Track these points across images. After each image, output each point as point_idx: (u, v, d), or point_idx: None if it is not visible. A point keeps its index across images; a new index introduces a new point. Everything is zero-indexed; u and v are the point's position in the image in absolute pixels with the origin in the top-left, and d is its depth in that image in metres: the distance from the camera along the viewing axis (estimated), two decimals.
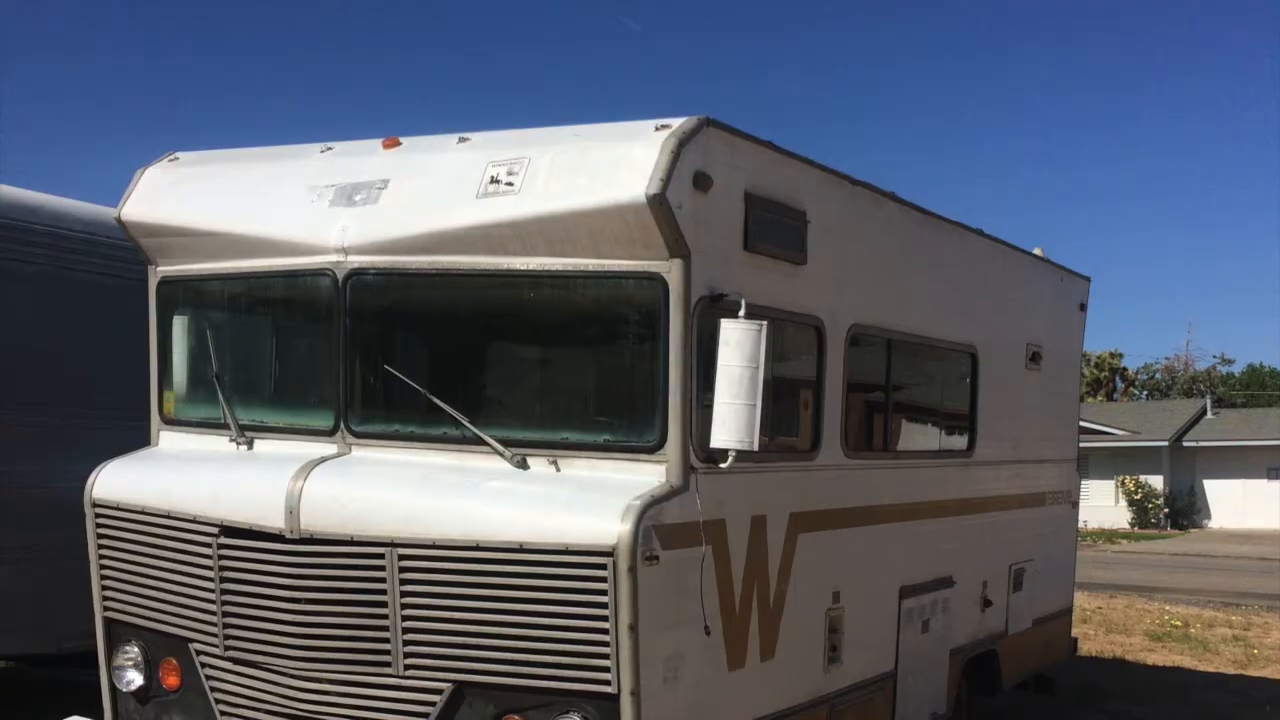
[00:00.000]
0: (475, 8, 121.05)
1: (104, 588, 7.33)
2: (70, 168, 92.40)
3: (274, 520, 6.42)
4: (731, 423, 5.94)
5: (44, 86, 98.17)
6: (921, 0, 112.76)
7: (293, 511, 6.36)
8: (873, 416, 8.62)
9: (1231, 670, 16.07)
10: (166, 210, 7.39)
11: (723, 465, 6.08)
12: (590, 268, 6.13)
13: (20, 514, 9.68)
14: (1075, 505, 12.63)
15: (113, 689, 7.31)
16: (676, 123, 6.04)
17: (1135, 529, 52.01)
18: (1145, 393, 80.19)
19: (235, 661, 6.68)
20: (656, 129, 6.02)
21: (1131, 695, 13.85)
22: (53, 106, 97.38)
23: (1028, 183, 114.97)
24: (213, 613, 6.72)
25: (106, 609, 7.34)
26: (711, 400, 6.00)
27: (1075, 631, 13.34)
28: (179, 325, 7.59)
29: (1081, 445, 13.36)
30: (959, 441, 9.77)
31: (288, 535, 6.38)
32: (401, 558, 6.11)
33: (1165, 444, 54.23)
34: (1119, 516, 53.09)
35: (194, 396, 7.58)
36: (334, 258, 6.68)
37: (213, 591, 6.70)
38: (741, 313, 6.03)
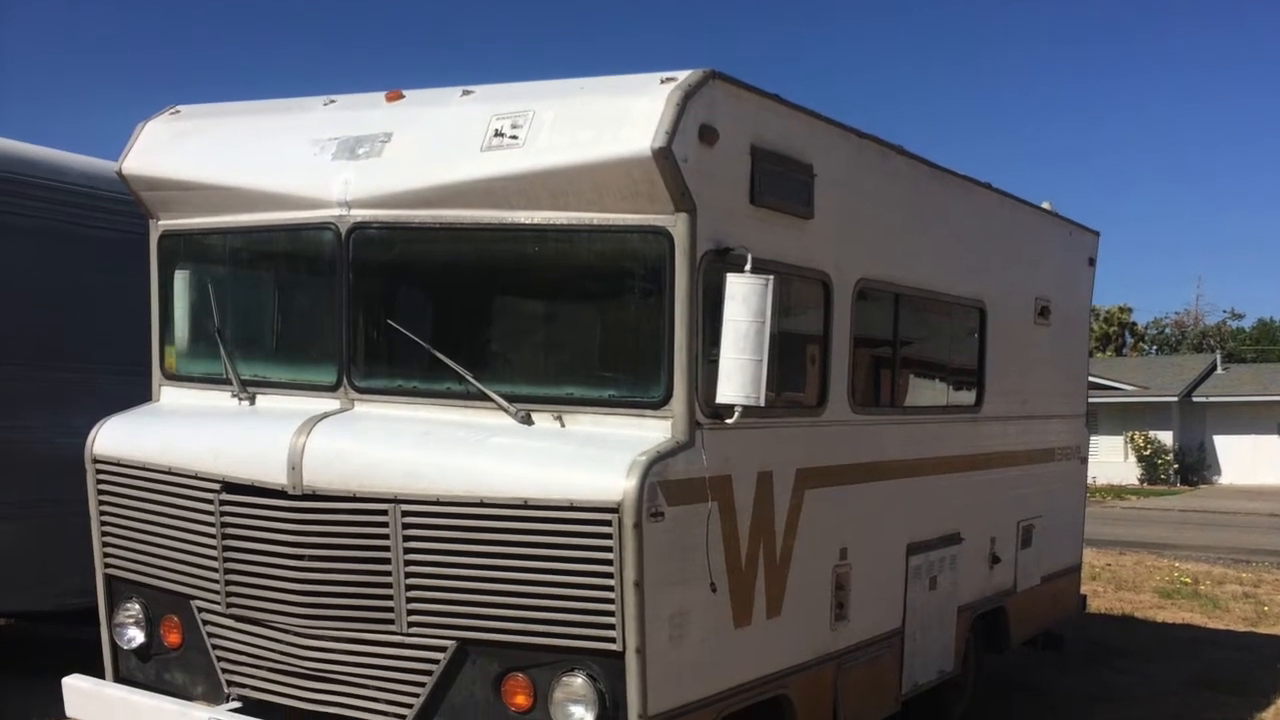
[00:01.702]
0: None
1: (105, 544, 7.30)
2: (70, 120, 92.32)
3: (276, 476, 6.38)
4: (737, 378, 5.89)
5: (45, 38, 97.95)
6: None
7: (295, 468, 6.32)
8: (880, 372, 8.56)
9: (1241, 628, 16.04)
10: (168, 164, 7.32)
11: (729, 421, 6.04)
12: (595, 222, 6.06)
13: (21, 470, 9.67)
14: (1084, 461, 12.57)
15: (114, 646, 7.30)
16: (682, 75, 5.96)
17: (1144, 485, 51.99)
18: (1155, 348, 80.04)
19: (237, 619, 6.66)
20: (661, 82, 5.94)
21: (1140, 652, 13.82)
22: (54, 58, 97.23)
23: (1035, 136, 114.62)
24: (214, 570, 6.69)
25: (108, 566, 7.31)
26: (717, 355, 5.95)
27: (1084, 588, 13.31)
28: (180, 280, 7.53)
29: (1090, 400, 13.28)
30: (967, 397, 9.71)
31: (290, 491, 6.34)
32: (405, 514, 6.06)
33: (1175, 399, 54.06)
34: (1128, 472, 53.05)
35: (195, 351, 7.54)
36: (336, 211, 6.61)
37: (214, 548, 6.67)
38: (748, 267, 5.97)
